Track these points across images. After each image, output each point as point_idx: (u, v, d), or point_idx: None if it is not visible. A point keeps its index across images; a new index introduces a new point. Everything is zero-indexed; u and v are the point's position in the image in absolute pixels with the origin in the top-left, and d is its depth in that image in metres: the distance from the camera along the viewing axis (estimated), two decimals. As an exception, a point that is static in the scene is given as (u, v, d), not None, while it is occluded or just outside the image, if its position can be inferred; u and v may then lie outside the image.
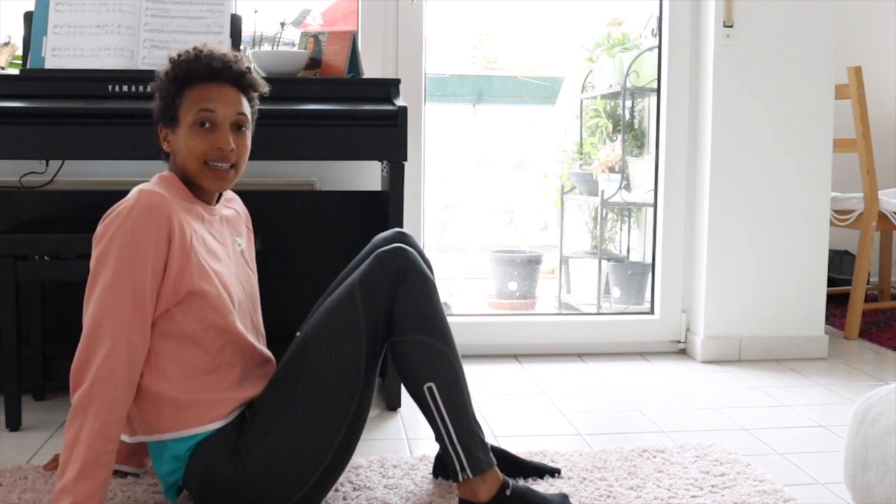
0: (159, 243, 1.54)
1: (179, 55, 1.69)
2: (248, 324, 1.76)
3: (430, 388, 1.67)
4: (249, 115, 1.72)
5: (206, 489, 1.62)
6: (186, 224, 1.60)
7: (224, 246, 1.73)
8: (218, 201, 1.78)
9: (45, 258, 2.22)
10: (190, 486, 1.65)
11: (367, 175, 2.93)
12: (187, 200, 1.66)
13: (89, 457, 1.48)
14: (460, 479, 1.69)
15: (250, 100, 1.74)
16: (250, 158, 1.74)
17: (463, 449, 1.67)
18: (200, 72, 1.66)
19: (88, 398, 1.49)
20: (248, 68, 1.72)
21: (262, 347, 1.79)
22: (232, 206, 1.85)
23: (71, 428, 1.50)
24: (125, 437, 1.72)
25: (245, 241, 1.84)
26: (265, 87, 1.78)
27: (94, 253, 1.57)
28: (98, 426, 1.48)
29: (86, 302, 1.56)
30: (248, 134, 1.73)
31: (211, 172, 1.66)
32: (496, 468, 1.71)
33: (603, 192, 3.81)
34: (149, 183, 1.64)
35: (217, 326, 1.63)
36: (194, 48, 1.70)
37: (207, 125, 1.65)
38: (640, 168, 3.78)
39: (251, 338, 1.73)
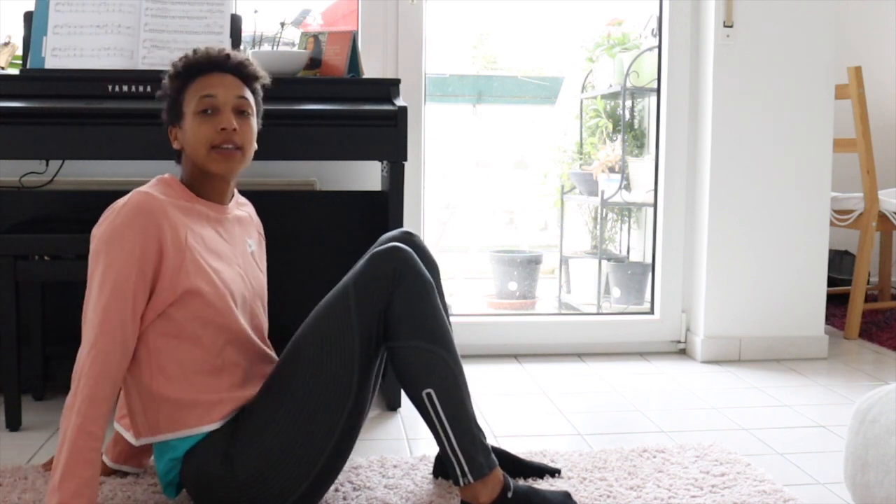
0: (147, 241, 1.54)
1: (180, 58, 1.74)
2: (254, 321, 1.77)
3: (428, 394, 1.65)
4: (252, 103, 1.75)
5: (201, 489, 1.63)
6: (181, 224, 1.60)
7: (232, 245, 1.74)
8: (231, 199, 1.79)
9: (45, 258, 2.22)
10: (186, 485, 1.66)
11: (367, 175, 2.93)
12: (187, 200, 1.67)
13: (72, 455, 1.48)
14: (461, 483, 1.68)
15: (253, 91, 1.77)
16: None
17: (463, 454, 1.66)
18: (199, 64, 1.70)
19: (74, 395, 1.51)
20: (248, 59, 1.76)
21: (264, 347, 1.79)
22: (245, 209, 1.87)
23: (61, 428, 1.51)
24: (131, 440, 1.73)
25: (255, 245, 1.85)
26: (267, 77, 1.81)
27: (90, 253, 1.59)
28: (80, 422, 1.49)
29: (84, 302, 1.58)
30: (253, 121, 1.75)
31: (217, 155, 1.67)
32: (498, 470, 1.70)
33: (603, 192, 3.81)
34: (146, 185, 1.66)
35: (216, 324, 1.63)
36: (194, 48, 1.75)
37: (210, 111, 1.67)
38: (640, 168, 3.78)
39: (254, 336, 1.73)
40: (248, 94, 1.74)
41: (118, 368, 1.54)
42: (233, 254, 1.73)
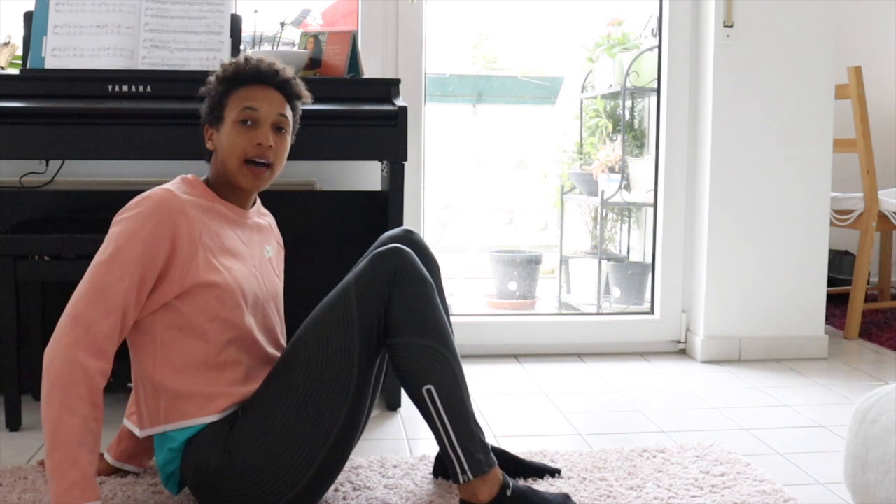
0: (161, 234, 1.57)
1: (230, 61, 1.78)
2: (266, 322, 1.78)
3: (428, 391, 1.66)
4: (291, 121, 1.79)
5: (200, 481, 1.63)
6: (198, 221, 1.63)
7: (249, 247, 1.76)
8: (253, 205, 1.82)
9: (45, 258, 2.22)
10: (185, 479, 1.67)
11: (367, 175, 2.93)
12: (207, 199, 1.70)
13: (70, 439, 1.47)
14: (461, 480, 1.69)
15: (294, 109, 1.81)
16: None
17: (463, 451, 1.67)
18: (248, 73, 1.74)
19: (66, 373, 1.50)
20: (294, 77, 1.80)
21: (272, 349, 1.79)
22: (266, 219, 1.90)
23: (48, 414, 1.49)
24: (137, 432, 1.74)
25: (274, 252, 1.88)
26: (309, 97, 1.85)
27: (108, 233, 1.62)
28: (83, 403, 1.49)
29: (85, 274, 1.61)
30: (288, 139, 1.79)
31: (249, 171, 1.71)
32: (497, 468, 1.71)
33: (603, 192, 3.81)
34: (169, 182, 1.70)
35: (221, 319, 1.64)
36: (244, 55, 1.79)
37: (250, 123, 1.71)
38: (640, 168, 3.78)
39: (260, 336, 1.74)
40: (289, 112, 1.78)
41: (109, 351, 1.55)
42: (249, 254, 1.75)
